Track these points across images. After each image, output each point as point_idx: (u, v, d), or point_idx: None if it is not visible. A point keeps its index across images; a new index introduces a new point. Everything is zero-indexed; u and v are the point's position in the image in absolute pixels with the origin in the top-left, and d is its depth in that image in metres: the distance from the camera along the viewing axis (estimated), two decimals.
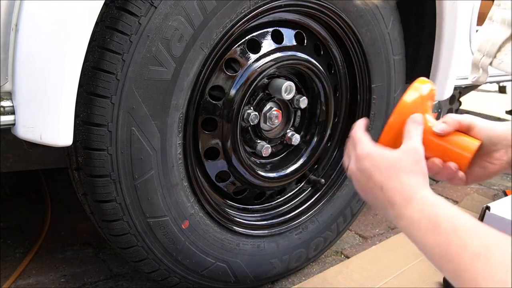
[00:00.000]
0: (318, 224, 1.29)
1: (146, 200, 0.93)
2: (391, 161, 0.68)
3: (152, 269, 1.02)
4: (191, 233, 1.02)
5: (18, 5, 0.73)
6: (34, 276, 1.23)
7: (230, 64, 1.03)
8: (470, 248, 0.54)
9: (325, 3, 1.08)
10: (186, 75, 0.91)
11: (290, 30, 1.12)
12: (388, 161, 0.68)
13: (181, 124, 0.94)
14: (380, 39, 1.22)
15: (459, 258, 0.54)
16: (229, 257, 1.11)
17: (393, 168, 0.67)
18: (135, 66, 0.83)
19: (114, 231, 0.93)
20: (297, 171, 1.24)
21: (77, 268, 1.28)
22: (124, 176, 0.88)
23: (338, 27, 1.15)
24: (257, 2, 0.96)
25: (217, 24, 0.91)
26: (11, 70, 0.75)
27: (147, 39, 0.83)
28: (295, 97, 1.14)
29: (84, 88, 0.82)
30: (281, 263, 1.23)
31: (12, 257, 1.30)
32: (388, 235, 1.59)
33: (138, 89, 0.85)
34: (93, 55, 0.81)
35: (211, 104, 1.02)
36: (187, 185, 0.99)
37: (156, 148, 0.91)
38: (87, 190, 0.91)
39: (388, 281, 1.27)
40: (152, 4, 0.82)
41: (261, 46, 1.06)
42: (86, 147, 0.86)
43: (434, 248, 0.58)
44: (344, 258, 1.43)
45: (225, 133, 1.04)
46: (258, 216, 1.22)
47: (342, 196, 1.32)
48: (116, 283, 1.23)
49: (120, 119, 0.85)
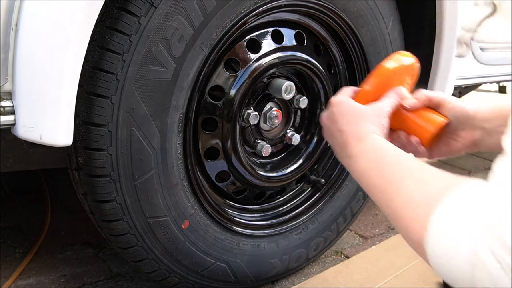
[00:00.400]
0: (318, 224, 1.29)
1: (146, 200, 0.93)
2: (356, 111, 0.76)
3: (152, 269, 1.02)
4: (191, 233, 1.02)
5: (18, 5, 0.73)
6: (34, 276, 1.23)
7: (230, 64, 1.03)
8: (411, 173, 0.61)
9: (325, 3, 1.08)
10: (186, 75, 0.91)
11: (290, 30, 1.12)
12: (354, 110, 0.76)
13: (181, 124, 0.94)
14: (380, 39, 1.22)
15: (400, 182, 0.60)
16: (229, 257, 1.11)
17: (355, 116, 0.75)
18: (135, 66, 0.83)
19: (114, 231, 0.93)
20: (297, 171, 1.24)
21: (77, 268, 1.28)
22: (124, 176, 0.88)
23: (338, 27, 1.15)
24: (257, 2, 0.96)
25: (217, 24, 0.91)
26: (11, 70, 0.75)
27: (147, 39, 0.83)
28: (295, 97, 1.14)
29: (84, 88, 0.82)
30: (281, 263, 1.23)
31: (12, 257, 1.30)
32: (388, 235, 1.59)
33: (138, 89, 0.85)
34: (93, 55, 0.81)
35: (211, 104, 1.02)
36: (187, 185, 0.99)
37: (156, 148, 0.91)
38: (87, 190, 0.91)
39: (388, 281, 1.27)
40: (152, 4, 0.82)
41: (261, 46, 1.06)
42: (86, 147, 0.86)
43: (377, 179, 0.65)
44: (344, 258, 1.43)
45: (225, 133, 1.04)
46: (258, 216, 1.22)
47: (342, 196, 1.32)
48: (116, 283, 1.23)
49: (120, 119, 0.85)
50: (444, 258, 0.50)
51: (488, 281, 0.46)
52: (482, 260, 0.46)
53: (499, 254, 0.45)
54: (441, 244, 0.50)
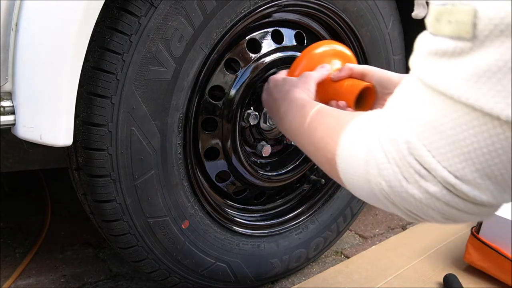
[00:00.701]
0: (318, 224, 1.29)
1: (146, 200, 0.93)
2: (286, 81, 0.91)
3: (152, 269, 1.02)
4: (191, 233, 1.02)
5: (18, 5, 0.73)
6: (34, 276, 1.23)
7: (230, 64, 1.03)
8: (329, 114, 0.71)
9: (325, 3, 1.08)
10: (186, 75, 0.91)
11: (290, 30, 1.12)
12: (284, 81, 0.91)
13: (181, 124, 0.94)
14: (380, 39, 1.22)
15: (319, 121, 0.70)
16: (229, 257, 1.11)
17: (285, 85, 0.89)
18: (135, 66, 0.83)
19: (114, 231, 0.93)
20: (297, 171, 1.24)
21: (77, 268, 1.28)
22: (124, 176, 0.88)
23: (338, 27, 1.15)
24: (257, 2, 0.96)
25: (217, 24, 0.91)
26: (11, 70, 0.75)
27: (147, 39, 0.83)
28: None
29: (84, 88, 0.82)
30: (281, 263, 1.23)
31: (12, 257, 1.30)
32: (388, 235, 1.59)
33: (138, 89, 0.85)
34: (93, 55, 0.81)
35: (211, 104, 1.02)
36: (187, 185, 0.99)
37: (156, 148, 0.91)
38: (87, 190, 0.91)
39: (388, 281, 1.27)
40: (152, 4, 0.82)
41: (261, 46, 1.06)
42: (86, 147, 0.86)
43: (300, 126, 0.75)
44: (344, 258, 1.43)
45: (225, 133, 1.04)
46: (258, 216, 1.22)
47: (342, 196, 1.32)
48: (116, 283, 1.23)
49: (120, 119, 0.85)
50: (349, 166, 0.57)
51: (381, 180, 0.51)
52: (374, 155, 0.52)
53: (387, 148, 0.50)
54: (346, 154, 0.58)
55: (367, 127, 0.56)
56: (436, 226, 1.64)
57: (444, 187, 0.46)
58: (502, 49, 0.39)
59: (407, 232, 1.60)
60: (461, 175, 0.45)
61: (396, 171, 0.49)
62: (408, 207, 0.50)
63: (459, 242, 1.49)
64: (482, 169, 0.44)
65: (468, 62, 0.42)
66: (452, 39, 0.44)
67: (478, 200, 0.46)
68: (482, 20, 0.40)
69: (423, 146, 0.47)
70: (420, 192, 0.48)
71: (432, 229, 1.60)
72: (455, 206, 0.47)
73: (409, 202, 0.50)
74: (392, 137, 0.50)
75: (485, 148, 0.43)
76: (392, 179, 0.50)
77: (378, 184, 0.52)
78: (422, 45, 0.49)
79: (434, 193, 0.47)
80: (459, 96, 0.43)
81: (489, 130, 0.42)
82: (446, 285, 1.25)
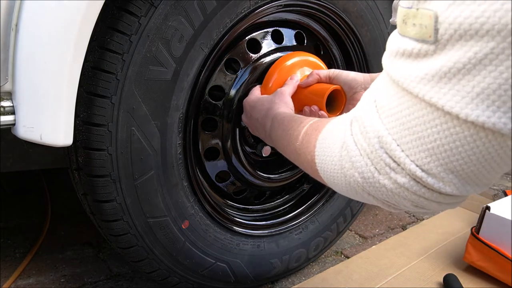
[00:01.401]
0: (318, 224, 1.29)
1: (146, 200, 0.93)
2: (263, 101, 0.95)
3: (152, 269, 1.02)
4: (191, 233, 1.02)
5: (18, 5, 0.73)
6: (34, 276, 1.23)
7: (230, 64, 1.03)
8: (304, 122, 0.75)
9: (325, 3, 1.08)
10: (186, 75, 0.91)
11: (290, 30, 1.12)
12: (261, 101, 0.95)
13: (181, 124, 0.94)
14: (380, 39, 1.22)
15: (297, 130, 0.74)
16: (229, 257, 1.11)
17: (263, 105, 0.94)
18: (135, 66, 0.83)
19: (114, 231, 0.93)
20: (297, 171, 1.24)
21: (77, 268, 1.28)
22: (124, 176, 0.88)
23: (338, 27, 1.15)
24: (257, 2, 0.96)
25: (217, 24, 0.91)
26: (11, 70, 0.75)
27: (147, 39, 0.83)
28: None
29: (84, 88, 0.82)
30: (281, 263, 1.23)
31: (12, 257, 1.30)
32: (388, 235, 1.59)
33: (138, 89, 0.85)
34: (93, 55, 0.81)
35: (211, 104, 1.02)
36: (187, 185, 0.99)
37: (156, 148, 0.91)
38: (87, 190, 0.91)
39: (388, 281, 1.27)
40: (152, 4, 0.82)
41: (261, 46, 1.06)
42: (86, 147, 0.86)
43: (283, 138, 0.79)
44: (344, 258, 1.43)
45: (225, 133, 1.04)
46: (258, 216, 1.22)
47: (342, 196, 1.32)
48: (116, 283, 1.23)
49: (120, 119, 0.85)
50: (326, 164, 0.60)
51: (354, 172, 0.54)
52: (347, 149, 0.55)
53: (359, 142, 0.53)
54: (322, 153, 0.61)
55: (341, 125, 0.59)
56: (436, 226, 1.64)
57: (412, 179, 0.49)
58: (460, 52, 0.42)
59: (407, 232, 1.60)
60: (427, 168, 0.48)
61: (368, 163, 0.52)
62: (382, 196, 0.54)
63: (459, 242, 1.49)
64: (445, 164, 0.47)
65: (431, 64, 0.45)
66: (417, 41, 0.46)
67: (443, 192, 0.49)
68: (443, 25, 0.42)
69: (393, 141, 0.50)
70: (390, 182, 0.51)
71: (432, 229, 1.60)
72: (422, 196, 0.50)
73: (382, 192, 0.53)
74: (365, 131, 0.53)
75: (447, 145, 0.45)
76: (364, 171, 0.53)
77: (352, 177, 0.55)
78: (392, 44, 0.51)
79: (403, 183, 0.50)
80: (423, 95, 0.45)
81: (450, 129, 0.45)
82: (446, 285, 1.25)
